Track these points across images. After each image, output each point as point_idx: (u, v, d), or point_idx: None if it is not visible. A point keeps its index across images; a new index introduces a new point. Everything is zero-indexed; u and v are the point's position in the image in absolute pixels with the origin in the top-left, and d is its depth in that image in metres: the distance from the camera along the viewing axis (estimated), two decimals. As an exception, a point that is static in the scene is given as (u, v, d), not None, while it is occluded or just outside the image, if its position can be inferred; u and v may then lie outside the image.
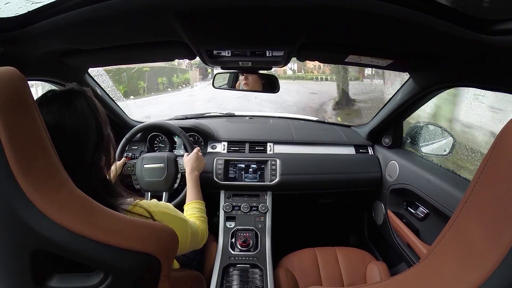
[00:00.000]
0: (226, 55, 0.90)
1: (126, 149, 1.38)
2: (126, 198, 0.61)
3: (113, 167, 0.67)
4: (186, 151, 1.27)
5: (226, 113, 1.84)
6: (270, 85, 1.20)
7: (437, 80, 0.96)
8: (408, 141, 1.41)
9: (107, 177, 0.64)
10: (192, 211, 0.98)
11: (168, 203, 0.72)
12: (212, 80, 1.27)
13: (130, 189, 0.85)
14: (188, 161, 1.16)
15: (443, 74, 0.90)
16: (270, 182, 1.37)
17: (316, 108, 7.31)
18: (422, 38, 0.67)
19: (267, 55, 0.89)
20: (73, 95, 0.57)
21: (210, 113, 1.84)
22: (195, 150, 1.20)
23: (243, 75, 1.21)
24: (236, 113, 1.83)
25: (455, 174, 1.07)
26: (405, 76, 1.14)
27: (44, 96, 0.56)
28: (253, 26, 0.65)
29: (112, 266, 0.42)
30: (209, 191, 1.17)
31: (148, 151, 1.50)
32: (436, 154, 1.24)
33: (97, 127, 0.59)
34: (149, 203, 0.65)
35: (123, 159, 1.28)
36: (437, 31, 0.61)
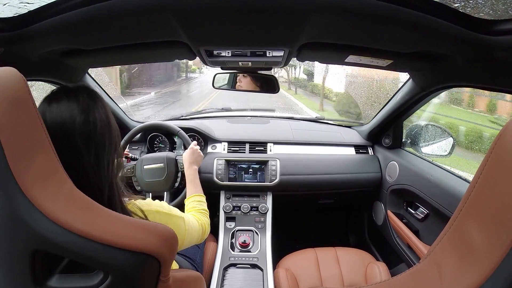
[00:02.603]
0: (226, 55, 0.90)
1: (126, 149, 1.38)
2: (125, 197, 0.61)
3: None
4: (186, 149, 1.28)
5: (223, 108, 1.85)
6: (270, 86, 1.20)
7: (437, 80, 0.96)
8: (408, 142, 1.41)
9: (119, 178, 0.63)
10: (193, 204, 0.98)
11: (162, 202, 0.71)
12: (212, 80, 1.27)
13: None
14: (185, 156, 1.17)
15: (443, 74, 0.90)
16: (270, 182, 1.37)
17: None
18: (422, 38, 0.67)
19: (267, 55, 0.89)
20: (96, 94, 0.57)
21: (210, 112, 1.84)
22: (191, 145, 1.20)
23: (239, 75, 1.21)
24: (236, 113, 1.83)
25: (455, 174, 1.07)
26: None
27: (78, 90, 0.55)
28: (253, 26, 0.65)
29: (111, 266, 0.42)
30: (209, 192, 1.17)
31: (148, 152, 1.50)
32: (436, 155, 1.24)
33: (116, 125, 0.60)
34: (142, 202, 0.65)
35: (124, 159, 1.28)
36: (437, 31, 0.61)
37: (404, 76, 1.17)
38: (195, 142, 1.23)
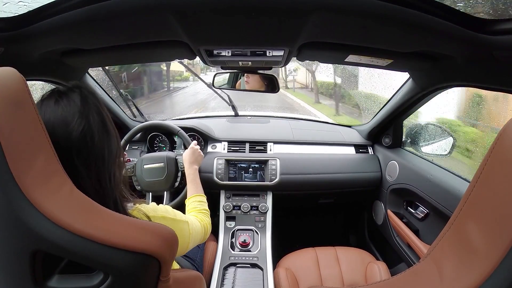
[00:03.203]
0: (226, 54, 0.90)
1: (126, 149, 1.38)
2: (129, 202, 0.60)
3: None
4: (186, 149, 1.28)
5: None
6: (272, 85, 1.20)
7: (437, 80, 0.96)
8: (408, 141, 1.41)
9: (121, 179, 0.60)
10: (194, 204, 0.99)
11: (166, 206, 0.71)
12: (212, 80, 1.27)
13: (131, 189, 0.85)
14: (185, 156, 1.17)
15: (443, 74, 0.90)
16: (270, 182, 1.37)
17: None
18: (422, 38, 0.67)
19: (267, 54, 0.89)
20: (88, 97, 0.53)
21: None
22: (191, 145, 1.20)
23: (244, 75, 1.21)
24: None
25: (455, 174, 1.07)
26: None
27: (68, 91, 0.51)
28: (253, 26, 0.65)
29: (111, 267, 0.42)
30: (209, 191, 1.18)
31: (148, 151, 1.50)
32: (436, 154, 1.24)
33: (113, 131, 0.56)
34: (147, 207, 0.63)
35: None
36: (437, 31, 0.61)
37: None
38: (195, 141, 1.23)
